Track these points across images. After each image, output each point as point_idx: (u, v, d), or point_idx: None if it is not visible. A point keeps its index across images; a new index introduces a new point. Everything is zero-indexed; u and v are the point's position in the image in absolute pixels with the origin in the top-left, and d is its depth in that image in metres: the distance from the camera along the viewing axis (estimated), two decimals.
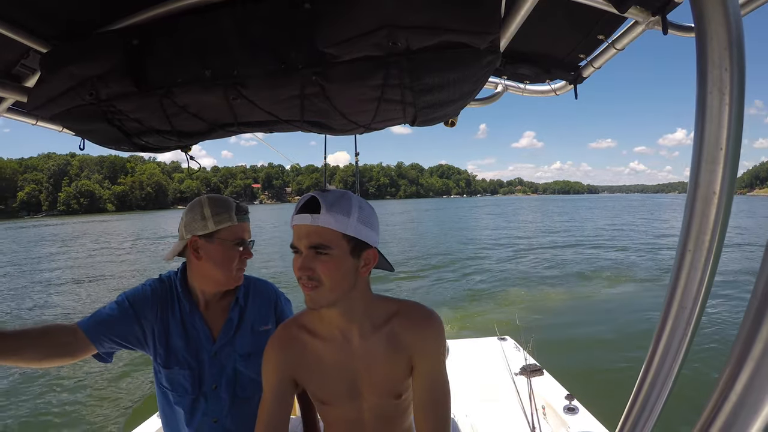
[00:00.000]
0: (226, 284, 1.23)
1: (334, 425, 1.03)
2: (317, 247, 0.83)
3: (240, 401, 1.24)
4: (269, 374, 0.97)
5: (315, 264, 0.83)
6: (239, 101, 0.86)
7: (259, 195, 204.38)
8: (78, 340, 1.12)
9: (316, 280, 0.83)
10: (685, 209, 0.51)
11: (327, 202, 0.83)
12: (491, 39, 0.70)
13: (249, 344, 1.24)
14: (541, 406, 2.32)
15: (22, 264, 18.51)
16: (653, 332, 0.56)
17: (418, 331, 0.94)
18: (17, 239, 35.68)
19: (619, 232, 24.05)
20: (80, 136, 1.09)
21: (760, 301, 0.36)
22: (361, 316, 0.93)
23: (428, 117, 0.96)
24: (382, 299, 0.98)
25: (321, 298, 0.85)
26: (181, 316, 1.22)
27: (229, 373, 1.22)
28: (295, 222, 0.85)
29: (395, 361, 0.94)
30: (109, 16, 0.83)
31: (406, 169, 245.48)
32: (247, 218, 1.26)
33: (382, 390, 0.96)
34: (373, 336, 0.94)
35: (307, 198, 0.86)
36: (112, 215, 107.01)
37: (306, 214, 0.83)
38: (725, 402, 0.37)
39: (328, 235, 0.83)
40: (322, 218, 0.82)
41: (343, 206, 0.84)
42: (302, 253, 0.84)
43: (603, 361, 5.51)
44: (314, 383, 0.97)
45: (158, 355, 1.20)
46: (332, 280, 0.84)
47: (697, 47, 0.49)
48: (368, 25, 0.69)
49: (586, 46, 1.17)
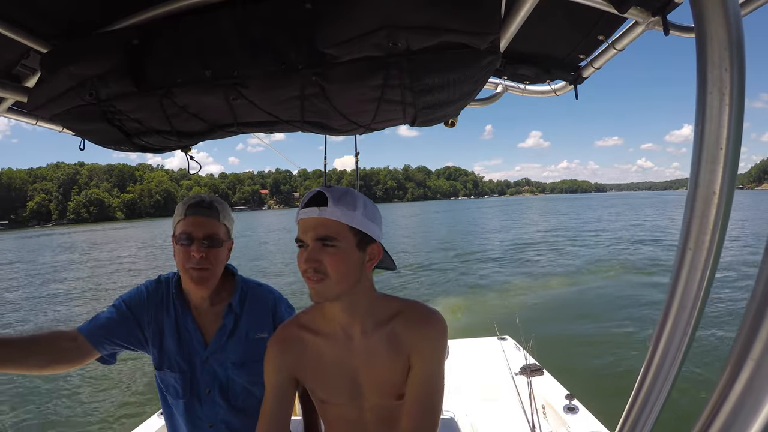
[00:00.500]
0: (190, 286, 1.17)
1: (334, 425, 1.02)
2: (324, 238, 0.83)
3: (235, 410, 1.22)
4: (270, 374, 0.97)
5: (321, 256, 0.83)
6: (239, 101, 0.86)
7: (267, 200, 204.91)
8: (80, 346, 1.11)
9: (322, 272, 0.83)
10: (685, 209, 0.51)
11: (334, 195, 0.84)
12: (491, 39, 0.70)
13: (242, 352, 1.21)
14: (541, 405, 2.32)
15: (32, 273, 18.55)
16: (653, 332, 0.56)
17: (419, 330, 0.93)
18: (26, 248, 35.73)
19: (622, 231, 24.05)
20: (80, 136, 1.09)
21: (760, 301, 0.36)
22: (364, 313, 0.93)
23: (428, 117, 0.96)
24: (385, 297, 0.98)
25: (326, 291, 0.85)
26: (176, 318, 1.20)
27: (221, 379, 1.20)
28: (302, 216, 0.85)
29: (395, 361, 0.94)
30: (109, 16, 0.83)
31: (413, 172, 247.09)
32: (202, 212, 1.15)
33: (382, 390, 0.96)
34: (375, 334, 0.93)
35: (314, 193, 0.86)
36: (121, 223, 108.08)
37: (313, 207, 0.84)
38: (725, 402, 0.37)
39: (335, 227, 0.83)
40: (329, 210, 0.82)
41: (349, 200, 0.85)
42: (308, 247, 0.84)
43: (603, 361, 5.51)
44: (315, 382, 0.97)
45: (153, 357, 1.20)
46: (338, 272, 0.84)
47: (697, 47, 0.49)
48: (368, 25, 0.69)
49: (586, 46, 1.17)
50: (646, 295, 8.93)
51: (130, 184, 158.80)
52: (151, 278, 1.27)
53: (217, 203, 1.19)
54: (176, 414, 1.23)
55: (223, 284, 1.25)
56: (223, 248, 1.19)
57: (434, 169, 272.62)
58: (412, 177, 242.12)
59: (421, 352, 0.93)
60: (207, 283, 1.15)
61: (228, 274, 1.28)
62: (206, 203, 1.17)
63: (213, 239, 1.15)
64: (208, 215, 1.15)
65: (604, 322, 7.17)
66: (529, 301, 8.91)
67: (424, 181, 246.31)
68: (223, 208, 1.20)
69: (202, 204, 1.16)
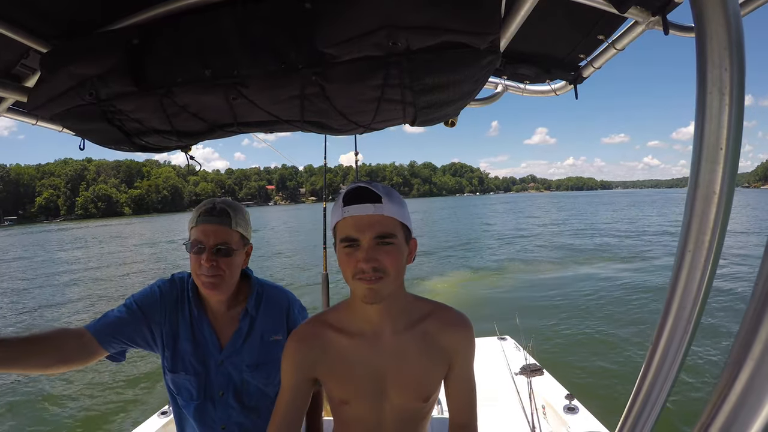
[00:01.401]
0: (204, 292, 1.17)
1: (350, 426, 0.99)
2: (384, 236, 0.81)
3: (248, 410, 1.21)
4: (288, 370, 0.95)
5: (379, 255, 0.81)
6: (239, 101, 0.86)
7: (273, 196, 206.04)
8: (86, 344, 1.10)
9: (381, 271, 0.81)
10: (685, 209, 0.51)
11: (382, 191, 0.83)
12: (491, 39, 0.70)
13: (257, 355, 1.21)
14: (541, 405, 2.32)
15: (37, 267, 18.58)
16: (653, 332, 0.56)
17: (456, 332, 0.94)
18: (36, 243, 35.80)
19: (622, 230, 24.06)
20: (80, 136, 1.09)
21: (760, 301, 0.36)
22: (399, 312, 0.92)
23: (428, 117, 0.96)
24: (416, 297, 0.98)
25: (385, 290, 0.83)
26: (191, 320, 1.19)
27: (236, 381, 1.20)
28: (354, 212, 0.81)
29: (429, 362, 0.93)
30: (110, 15, 0.83)
31: (419, 168, 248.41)
32: (213, 220, 1.13)
33: (410, 391, 0.94)
34: (407, 333, 0.92)
35: (356, 188, 0.83)
36: (129, 218, 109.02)
37: (367, 203, 0.81)
38: (725, 402, 0.37)
39: (392, 224, 0.82)
40: (386, 207, 0.81)
41: (396, 196, 0.85)
42: (360, 245, 0.81)
43: (603, 361, 5.51)
44: (336, 381, 0.95)
45: (165, 358, 1.19)
46: (396, 269, 0.83)
47: (697, 47, 0.49)
48: (368, 25, 0.69)
49: (586, 46, 1.17)
50: (647, 295, 8.93)
51: (137, 180, 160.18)
52: (163, 277, 1.26)
53: (231, 209, 1.16)
54: (187, 416, 1.22)
55: (240, 287, 1.24)
56: (235, 256, 1.15)
57: (440, 166, 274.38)
58: (417, 173, 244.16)
59: (461, 353, 0.95)
60: (218, 289, 1.14)
61: (243, 277, 1.27)
62: (218, 210, 1.14)
63: (224, 248, 1.12)
64: (219, 223, 1.13)
65: (605, 322, 7.17)
66: (529, 301, 8.92)
67: (429, 177, 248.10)
68: (236, 214, 1.16)
69: (213, 211, 1.14)
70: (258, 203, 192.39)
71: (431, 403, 0.99)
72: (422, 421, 1.01)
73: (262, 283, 1.29)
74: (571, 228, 25.82)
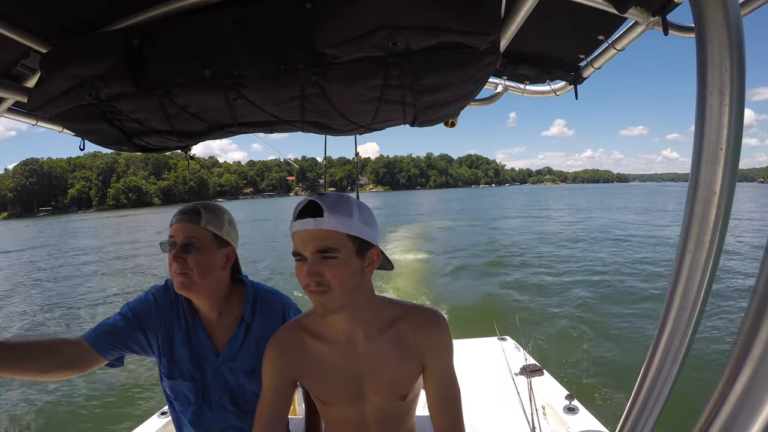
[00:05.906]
0: (179, 292, 1.15)
1: (336, 425, 1.02)
2: (324, 251, 0.81)
3: (244, 414, 1.22)
4: (269, 373, 0.97)
5: (322, 269, 0.81)
6: (239, 101, 0.86)
7: (294, 187, 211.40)
8: (83, 352, 1.10)
9: (325, 285, 0.81)
10: (685, 209, 0.51)
11: (328, 204, 0.82)
12: (491, 39, 0.70)
13: (253, 360, 1.20)
14: (541, 406, 2.32)
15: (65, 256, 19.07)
16: (653, 332, 0.56)
17: (427, 332, 0.94)
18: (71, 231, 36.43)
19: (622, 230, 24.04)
20: (80, 136, 1.09)
21: (760, 301, 0.36)
22: (367, 318, 0.93)
23: (428, 117, 0.96)
24: (385, 301, 0.98)
25: (331, 303, 0.83)
26: (186, 326, 1.20)
27: (232, 386, 1.21)
28: (297, 228, 0.83)
29: (404, 363, 0.94)
30: (109, 16, 0.83)
31: (436, 160, 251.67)
32: (183, 218, 1.13)
33: (387, 391, 0.96)
34: (379, 338, 0.93)
35: (305, 202, 0.84)
36: (158, 208, 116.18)
37: (308, 218, 0.81)
38: (725, 402, 0.37)
39: (333, 237, 0.81)
40: (325, 221, 0.80)
41: (345, 207, 0.83)
42: (307, 260, 0.82)
43: (603, 361, 5.51)
44: (316, 385, 0.97)
45: (162, 365, 1.19)
46: (341, 283, 0.82)
47: (697, 47, 0.49)
48: (368, 25, 0.69)
49: (586, 46, 1.17)
50: (647, 295, 8.93)
51: (165, 172, 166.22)
52: (157, 284, 1.26)
53: (204, 209, 1.15)
54: (184, 421, 1.23)
55: (233, 293, 1.24)
56: (204, 254, 1.12)
57: (456, 157, 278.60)
58: (434, 165, 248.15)
59: (436, 353, 0.96)
60: (190, 289, 1.11)
61: (238, 282, 1.28)
62: (189, 209, 1.15)
63: (190, 244, 1.11)
64: (188, 221, 1.13)
65: (605, 323, 7.17)
66: (529, 301, 8.91)
67: (446, 168, 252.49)
68: (209, 213, 1.15)
69: (185, 210, 1.15)
70: (279, 194, 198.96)
71: (410, 400, 1.01)
72: (405, 417, 1.03)
73: (257, 289, 1.29)
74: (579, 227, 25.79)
